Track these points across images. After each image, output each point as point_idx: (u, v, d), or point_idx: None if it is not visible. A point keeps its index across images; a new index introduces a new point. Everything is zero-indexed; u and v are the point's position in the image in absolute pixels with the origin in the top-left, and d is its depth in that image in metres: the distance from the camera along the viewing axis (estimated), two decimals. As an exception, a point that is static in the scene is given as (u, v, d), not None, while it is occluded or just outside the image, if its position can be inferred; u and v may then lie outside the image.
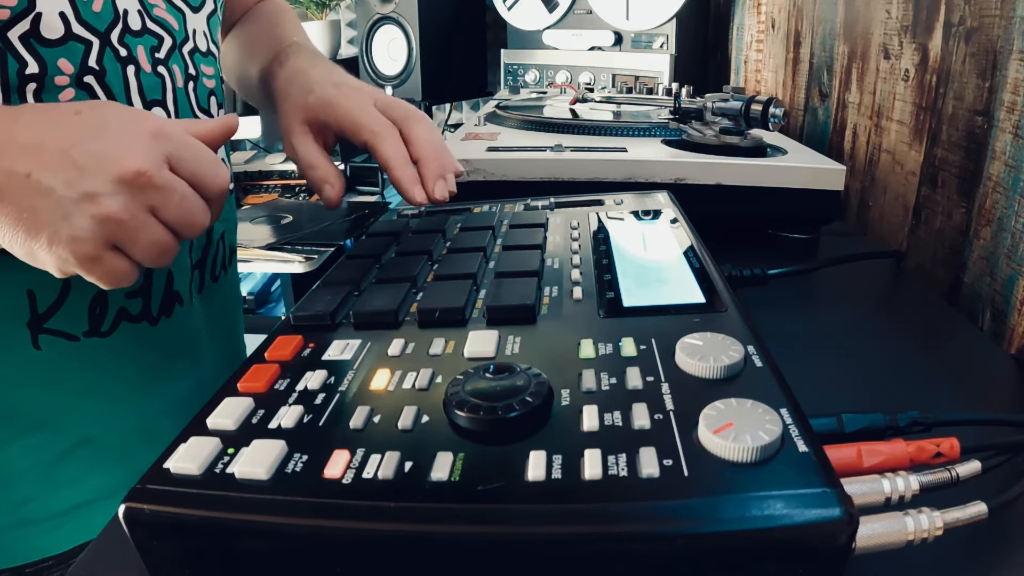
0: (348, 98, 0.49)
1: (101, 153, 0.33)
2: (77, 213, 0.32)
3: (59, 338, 0.44)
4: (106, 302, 0.46)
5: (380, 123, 0.48)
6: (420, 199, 0.47)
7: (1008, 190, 0.48)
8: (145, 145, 0.34)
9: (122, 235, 0.34)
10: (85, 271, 0.34)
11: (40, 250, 0.33)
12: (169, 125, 0.36)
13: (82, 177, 0.32)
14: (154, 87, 0.46)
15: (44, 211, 0.32)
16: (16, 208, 0.32)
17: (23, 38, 0.39)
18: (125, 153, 0.33)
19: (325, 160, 0.50)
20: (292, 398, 0.27)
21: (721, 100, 0.68)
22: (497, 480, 0.21)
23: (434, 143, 0.49)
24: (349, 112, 0.49)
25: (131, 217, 0.33)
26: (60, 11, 0.40)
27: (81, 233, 0.33)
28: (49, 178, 0.32)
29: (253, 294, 1.75)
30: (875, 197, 0.72)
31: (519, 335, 0.31)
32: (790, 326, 0.48)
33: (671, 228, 0.45)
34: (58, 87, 0.41)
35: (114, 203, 0.33)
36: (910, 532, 0.23)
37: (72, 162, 0.33)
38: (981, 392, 0.41)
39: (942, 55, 0.58)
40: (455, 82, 1.94)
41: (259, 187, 1.86)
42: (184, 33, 0.49)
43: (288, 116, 0.51)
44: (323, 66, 0.53)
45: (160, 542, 0.23)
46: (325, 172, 0.50)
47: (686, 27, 1.33)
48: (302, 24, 0.67)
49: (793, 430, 0.22)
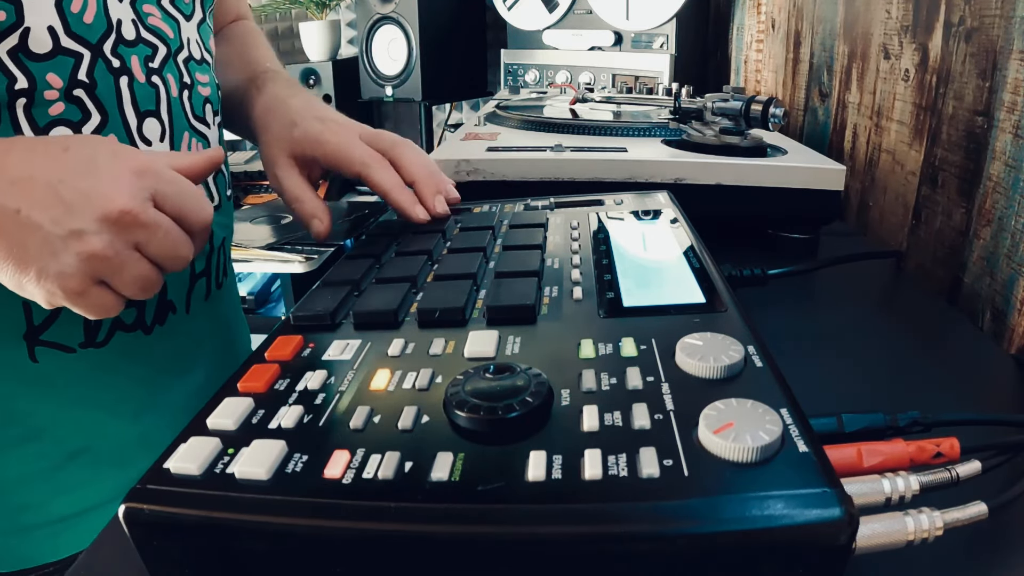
0: (335, 134, 0.51)
1: (88, 191, 0.34)
2: (64, 250, 0.33)
3: (55, 350, 0.45)
4: None
5: (369, 155, 0.50)
6: (423, 217, 0.49)
7: (1008, 190, 0.48)
8: (130, 183, 0.35)
9: (107, 271, 0.35)
10: (72, 304, 0.35)
11: (29, 283, 0.34)
12: (154, 162, 0.37)
13: (69, 215, 0.33)
14: (148, 97, 0.46)
15: (33, 247, 0.33)
16: (6, 243, 0.33)
17: (11, 53, 0.39)
18: (111, 191, 0.34)
19: (312, 194, 0.51)
20: (292, 398, 0.27)
21: (721, 100, 0.68)
22: (497, 480, 0.21)
23: (424, 165, 0.50)
24: (338, 147, 0.50)
25: (116, 254, 0.34)
26: (49, 25, 0.40)
27: (68, 269, 0.34)
28: (38, 215, 0.33)
29: (253, 294, 1.75)
30: (875, 197, 0.72)
31: (519, 335, 0.31)
32: (790, 326, 0.48)
33: (671, 228, 0.45)
34: (47, 101, 0.41)
35: (99, 241, 0.34)
36: (910, 532, 0.23)
37: (60, 199, 0.33)
38: (981, 392, 0.41)
39: (942, 55, 0.58)
40: (455, 82, 1.94)
41: (259, 187, 1.86)
42: (179, 41, 0.49)
43: (271, 148, 0.52)
44: (302, 96, 0.55)
45: (160, 542, 0.23)
46: (312, 206, 0.51)
47: (686, 27, 1.33)
48: (302, 24, 0.67)
49: (793, 430, 0.22)
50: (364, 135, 0.51)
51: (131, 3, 0.45)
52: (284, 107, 0.53)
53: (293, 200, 0.51)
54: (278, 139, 0.52)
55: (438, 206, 0.50)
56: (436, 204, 0.50)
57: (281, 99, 0.54)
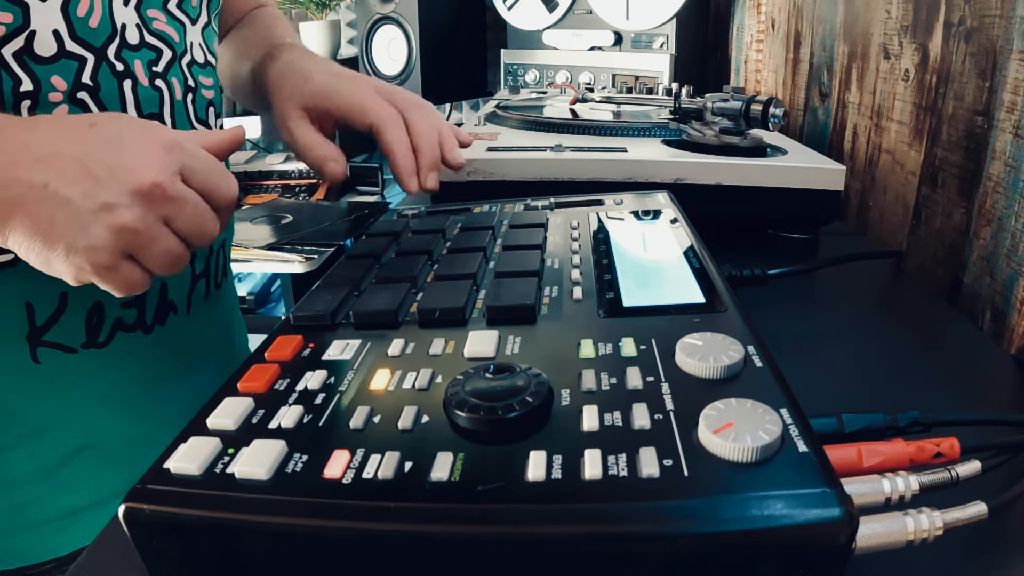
0: (349, 85, 0.50)
1: (117, 165, 0.34)
2: (94, 223, 0.33)
3: (57, 350, 0.45)
4: (102, 313, 0.46)
5: (384, 109, 0.49)
6: (413, 189, 0.50)
7: (1008, 190, 0.48)
8: (159, 157, 0.35)
9: (137, 245, 0.34)
10: (100, 279, 0.35)
11: (57, 259, 0.34)
12: (182, 137, 0.37)
13: (99, 188, 0.33)
14: (151, 100, 0.46)
15: (62, 222, 0.33)
16: (34, 219, 0.33)
17: (16, 55, 0.39)
18: (141, 165, 0.34)
19: (324, 140, 0.51)
20: (292, 398, 0.27)
21: (721, 100, 0.68)
22: (497, 480, 0.21)
23: (432, 135, 0.50)
24: (352, 96, 0.49)
25: (146, 228, 0.34)
26: (54, 28, 0.40)
27: (98, 243, 0.33)
28: (67, 189, 0.33)
29: (253, 294, 1.75)
30: (875, 197, 0.72)
31: (519, 335, 0.31)
32: (790, 326, 0.48)
33: (671, 228, 0.45)
34: (51, 103, 0.41)
35: (130, 214, 0.33)
36: (910, 532, 0.23)
37: (89, 173, 0.33)
38: (981, 392, 0.41)
39: (942, 55, 0.58)
40: (455, 82, 1.94)
41: (259, 187, 1.86)
42: (183, 46, 0.49)
43: (284, 104, 0.51)
44: (318, 59, 0.54)
45: (160, 542, 0.23)
46: (326, 150, 0.50)
47: (686, 27, 1.33)
48: (302, 24, 0.67)
49: (793, 430, 0.22)
50: (379, 88, 0.51)
51: (136, 8, 0.45)
52: (298, 68, 0.52)
53: (305, 148, 0.50)
54: (291, 95, 0.51)
55: (429, 182, 0.50)
56: (427, 180, 0.50)
57: (295, 63, 0.53)
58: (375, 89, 0.50)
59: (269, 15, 0.67)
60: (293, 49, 0.56)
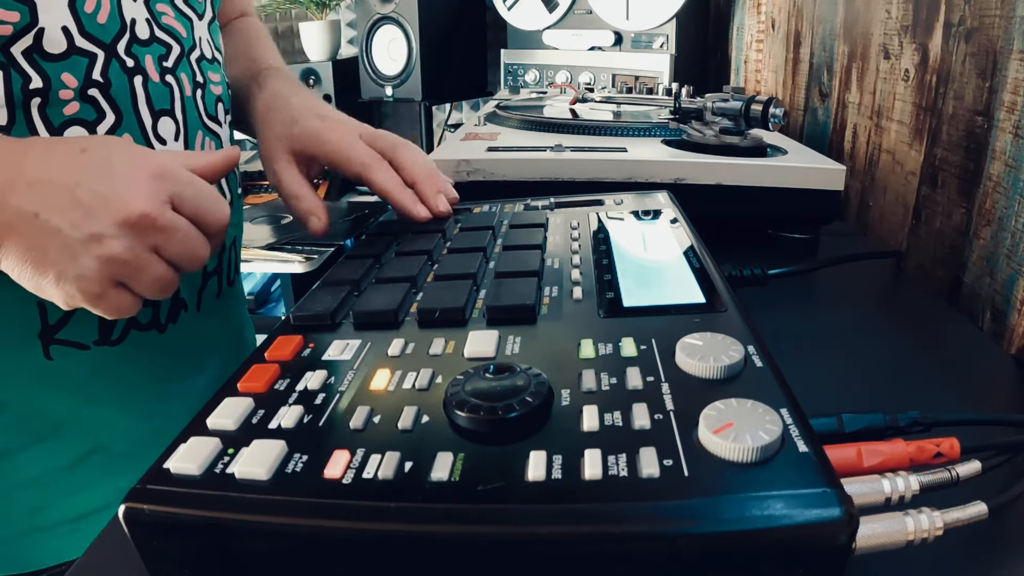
0: (335, 132, 0.51)
1: (106, 194, 0.34)
2: (83, 253, 0.33)
3: (70, 348, 0.45)
4: None
5: (369, 155, 0.50)
6: (424, 215, 0.49)
7: (1008, 190, 0.48)
8: (148, 186, 0.35)
9: (126, 274, 0.35)
10: (90, 305, 0.35)
11: (48, 285, 0.34)
12: (171, 163, 0.37)
13: (88, 218, 0.33)
14: (162, 96, 0.46)
15: (52, 250, 0.33)
16: (26, 245, 0.33)
17: (26, 53, 0.39)
18: (129, 195, 0.34)
19: (310, 192, 0.51)
20: (292, 398, 0.27)
21: (721, 100, 0.68)
22: (497, 480, 0.21)
23: (424, 165, 0.50)
24: (338, 146, 0.50)
25: (135, 257, 0.35)
26: (63, 25, 0.40)
27: (87, 272, 0.34)
28: (57, 219, 0.33)
29: (253, 294, 1.75)
30: (875, 197, 0.72)
31: (519, 335, 0.31)
32: (790, 326, 0.48)
33: (671, 228, 0.45)
34: (62, 101, 0.41)
35: (118, 244, 0.34)
36: (910, 532, 0.23)
37: (78, 203, 0.34)
38: (981, 392, 0.41)
39: (942, 55, 0.58)
40: (455, 82, 1.94)
41: (259, 187, 1.86)
42: (192, 40, 0.49)
43: (271, 145, 0.52)
44: (303, 94, 0.55)
45: (160, 542, 0.23)
46: (310, 204, 0.51)
47: (686, 27, 1.33)
48: (302, 24, 0.68)
49: (793, 430, 0.22)
50: (364, 134, 0.51)
51: (145, 2, 0.45)
52: (285, 104, 0.53)
53: (291, 197, 0.51)
54: (278, 136, 0.52)
55: (440, 205, 0.50)
56: (438, 203, 0.50)
57: (282, 96, 0.54)
58: (359, 135, 0.51)
59: (252, 28, 0.67)
60: (278, 76, 0.57)
